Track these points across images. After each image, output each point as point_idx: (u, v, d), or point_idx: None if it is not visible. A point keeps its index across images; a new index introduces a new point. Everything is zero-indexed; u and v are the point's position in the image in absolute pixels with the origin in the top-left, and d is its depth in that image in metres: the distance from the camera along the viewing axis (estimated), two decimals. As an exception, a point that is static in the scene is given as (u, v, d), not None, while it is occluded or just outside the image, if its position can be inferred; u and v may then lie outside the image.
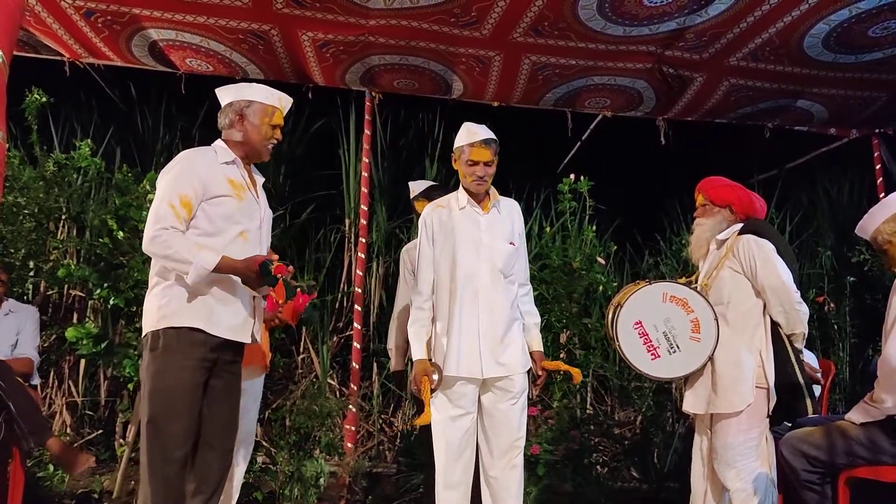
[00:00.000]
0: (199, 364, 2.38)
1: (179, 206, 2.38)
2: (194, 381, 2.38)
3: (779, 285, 2.71)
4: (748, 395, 2.68)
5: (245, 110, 2.60)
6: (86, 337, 3.84)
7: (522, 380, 2.86)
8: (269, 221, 2.74)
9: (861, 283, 5.52)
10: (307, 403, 4.45)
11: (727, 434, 2.70)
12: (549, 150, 5.58)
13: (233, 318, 2.46)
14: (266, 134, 2.63)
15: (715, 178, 3.03)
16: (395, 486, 4.10)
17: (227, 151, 2.58)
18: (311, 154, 5.90)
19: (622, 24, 3.75)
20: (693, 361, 2.75)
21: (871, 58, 4.04)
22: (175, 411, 2.35)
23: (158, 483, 2.33)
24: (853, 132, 5.20)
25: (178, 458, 2.36)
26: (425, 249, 2.90)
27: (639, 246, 6.08)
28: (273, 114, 2.63)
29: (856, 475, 2.46)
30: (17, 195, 4.57)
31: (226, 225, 2.47)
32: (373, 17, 3.74)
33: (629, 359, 2.77)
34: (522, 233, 3.02)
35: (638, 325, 2.76)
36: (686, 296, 2.75)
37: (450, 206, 2.92)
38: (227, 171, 2.54)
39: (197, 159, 2.50)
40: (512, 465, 2.83)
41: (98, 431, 4.61)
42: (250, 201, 2.59)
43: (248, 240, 2.53)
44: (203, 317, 2.39)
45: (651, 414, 4.90)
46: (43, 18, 3.88)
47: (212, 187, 2.45)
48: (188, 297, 2.39)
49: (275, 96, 2.66)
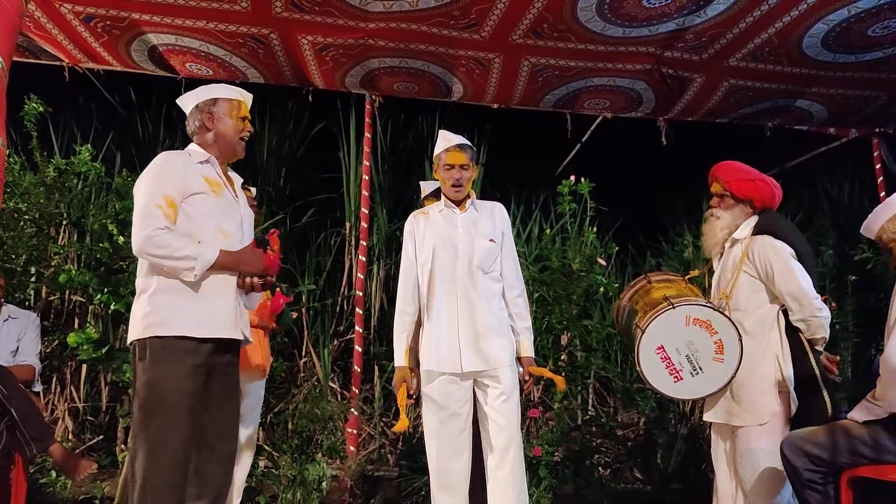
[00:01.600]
0: (193, 370, 2.34)
1: (166, 206, 2.36)
2: (191, 387, 2.34)
3: (798, 292, 2.65)
4: (772, 404, 2.65)
5: (212, 109, 2.60)
6: (87, 342, 3.85)
7: (511, 375, 2.84)
8: (250, 221, 2.72)
9: (863, 281, 5.52)
10: (309, 407, 4.46)
11: (749, 440, 2.67)
12: (549, 152, 5.58)
13: (222, 315, 2.43)
14: (237, 127, 2.62)
15: (734, 166, 2.91)
16: (397, 490, 4.10)
17: (200, 153, 2.58)
18: (312, 157, 5.91)
19: (621, 26, 3.75)
20: (716, 382, 2.69)
21: (870, 57, 4.04)
22: (171, 419, 2.30)
23: (156, 494, 2.28)
24: (853, 131, 5.20)
25: (176, 466, 2.31)
26: (407, 254, 3.01)
27: (641, 247, 6.08)
28: (239, 107, 2.64)
29: (859, 474, 2.45)
30: (17, 201, 4.57)
31: (205, 221, 2.45)
32: (372, 20, 3.75)
33: (651, 382, 2.71)
34: (508, 232, 3.04)
35: (660, 349, 2.69)
36: (710, 317, 2.67)
37: (430, 211, 3.05)
38: (202, 169, 2.52)
39: (173, 159, 2.49)
40: (512, 466, 2.80)
41: (99, 437, 4.61)
42: (228, 199, 2.58)
43: (228, 236, 2.51)
44: (191, 323, 2.35)
45: (654, 415, 4.89)
46: (42, 24, 3.88)
47: (189, 185, 2.44)
48: (172, 305, 2.36)
49: (235, 90, 2.66)
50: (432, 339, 2.88)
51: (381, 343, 5.41)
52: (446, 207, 2.99)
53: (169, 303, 2.36)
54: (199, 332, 2.36)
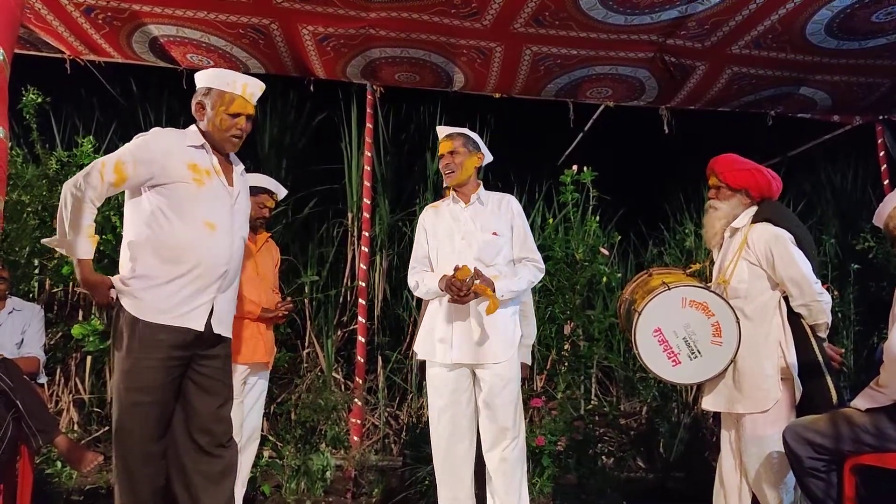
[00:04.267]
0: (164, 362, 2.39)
1: (112, 171, 2.36)
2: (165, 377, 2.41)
3: (798, 278, 2.65)
4: (775, 391, 2.65)
5: (203, 98, 2.51)
6: (91, 334, 3.86)
7: (508, 369, 2.86)
8: (246, 213, 2.64)
9: (865, 270, 5.51)
10: (312, 397, 4.48)
11: (755, 427, 2.68)
12: (551, 141, 5.57)
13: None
14: (222, 124, 2.49)
15: (729, 158, 2.93)
16: (401, 479, 4.12)
17: (196, 136, 2.51)
18: (313, 148, 5.90)
19: (623, 13, 3.73)
20: (715, 365, 2.70)
21: (874, 44, 4.01)
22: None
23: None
24: (857, 119, 5.17)
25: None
26: (420, 244, 3.09)
27: (643, 236, 6.08)
28: (231, 102, 2.48)
29: (862, 462, 2.46)
30: (20, 193, 4.58)
31: (185, 211, 2.40)
32: (373, 9, 3.73)
33: (649, 366, 2.71)
34: (519, 223, 3.03)
35: (657, 332, 2.69)
36: (706, 299, 2.67)
37: (441, 205, 3.12)
38: (192, 154, 2.46)
39: (160, 139, 2.44)
40: (502, 457, 2.83)
41: (105, 428, 4.63)
42: (217, 188, 2.48)
43: (215, 229, 2.44)
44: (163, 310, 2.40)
45: (656, 404, 4.91)
46: (43, 16, 3.87)
47: (165, 172, 2.39)
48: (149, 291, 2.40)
49: (237, 82, 2.50)
50: (427, 327, 2.97)
51: (384, 333, 5.42)
52: (453, 202, 3.06)
53: (146, 287, 2.43)
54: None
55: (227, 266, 2.50)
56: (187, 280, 2.41)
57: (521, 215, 3.07)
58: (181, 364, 2.44)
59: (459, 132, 3.05)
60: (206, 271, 2.44)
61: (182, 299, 2.40)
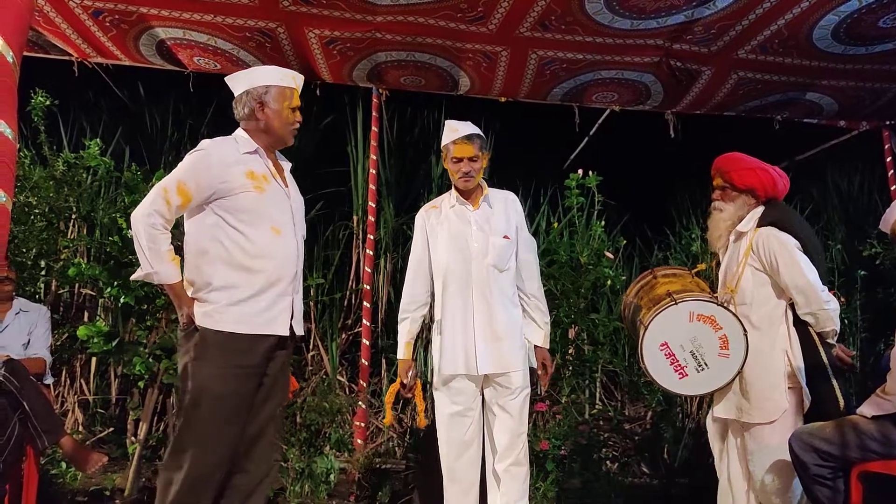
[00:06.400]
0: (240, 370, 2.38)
1: (175, 193, 2.33)
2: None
3: (804, 286, 2.60)
4: (782, 401, 2.62)
5: (264, 97, 2.51)
6: (97, 335, 3.86)
7: (522, 376, 2.86)
8: (301, 210, 2.66)
9: (872, 276, 5.49)
10: (317, 400, 4.47)
11: (762, 437, 2.65)
12: (557, 146, 5.57)
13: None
14: (287, 119, 2.55)
15: (735, 157, 2.87)
16: (405, 483, 4.11)
17: (248, 141, 2.50)
18: (320, 151, 5.92)
19: (630, 18, 3.73)
20: (722, 377, 2.67)
21: (881, 49, 4.00)
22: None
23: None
24: (863, 124, 5.16)
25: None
26: (416, 251, 2.99)
27: (648, 240, 6.07)
28: (292, 96, 2.55)
29: (869, 469, 2.44)
30: (28, 195, 4.60)
31: (253, 219, 2.41)
32: (380, 13, 3.74)
33: (656, 379, 2.69)
34: (522, 224, 3.02)
35: (664, 346, 2.67)
36: (714, 313, 2.64)
37: (442, 205, 3.00)
38: (248, 161, 2.46)
39: (215, 152, 2.42)
40: (515, 461, 2.83)
41: (109, 429, 4.65)
42: (276, 192, 2.51)
43: (281, 233, 2.47)
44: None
45: (661, 409, 4.89)
46: (52, 18, 3.90)
47: (227, 184, 2.38)
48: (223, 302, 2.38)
49: (289, 76, 2.57)
50: (446, 339, 2.87)
51: (388, 336, 5.42)
52: (458, 204, 2.94)
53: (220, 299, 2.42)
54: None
55: (297, 266, 2.54)
56: (266, 287, 2.42)
57: (523, 217, 3.06)
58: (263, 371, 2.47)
59: (478, 133, 2.93)
60: (282, 276, 2.46)
61: (265, 306, 2.42)
